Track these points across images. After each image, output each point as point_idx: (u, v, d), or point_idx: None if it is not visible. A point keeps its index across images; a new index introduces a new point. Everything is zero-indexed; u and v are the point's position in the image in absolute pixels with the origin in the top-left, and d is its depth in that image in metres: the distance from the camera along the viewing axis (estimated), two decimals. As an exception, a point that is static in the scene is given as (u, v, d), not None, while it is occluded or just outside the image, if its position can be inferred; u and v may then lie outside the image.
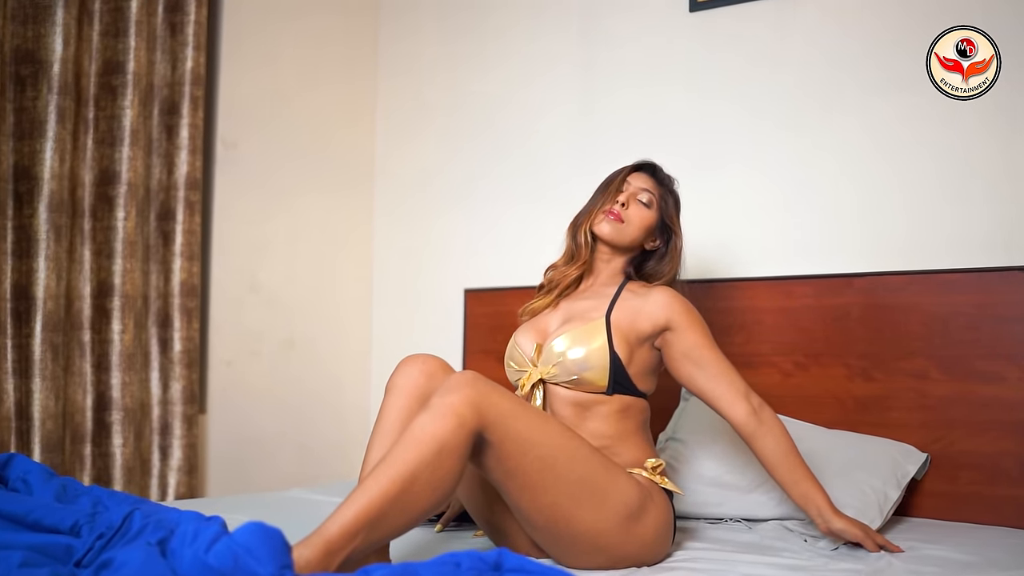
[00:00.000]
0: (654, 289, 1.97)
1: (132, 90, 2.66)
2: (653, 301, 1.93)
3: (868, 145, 2.43)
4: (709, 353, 1.91)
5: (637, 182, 2.06)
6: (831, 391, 2.38)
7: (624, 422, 1.89)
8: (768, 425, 1.86)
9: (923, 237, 2.33)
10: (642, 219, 2.03)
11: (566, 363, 1.88)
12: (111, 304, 2.64)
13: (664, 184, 2.09)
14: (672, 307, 1.92)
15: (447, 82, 3.35)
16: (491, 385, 1.62)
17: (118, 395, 2.63)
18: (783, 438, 1.87)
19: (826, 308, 2.41)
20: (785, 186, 2.56)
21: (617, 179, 2.07)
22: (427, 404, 1.57)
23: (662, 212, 2.06)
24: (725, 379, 1.89)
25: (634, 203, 2.02)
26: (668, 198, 2.07)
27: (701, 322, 1.94)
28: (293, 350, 3.20)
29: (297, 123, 3.24)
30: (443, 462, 1.51)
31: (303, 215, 3.25)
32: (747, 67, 2.64)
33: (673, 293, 1.95)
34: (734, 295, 2.56)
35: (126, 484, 2.61)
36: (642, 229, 2.03)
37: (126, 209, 2.65)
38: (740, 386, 1.88)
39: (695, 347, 1.91)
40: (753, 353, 2.50)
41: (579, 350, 1.87)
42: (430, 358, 1.82)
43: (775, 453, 1.86)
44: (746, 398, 1.87)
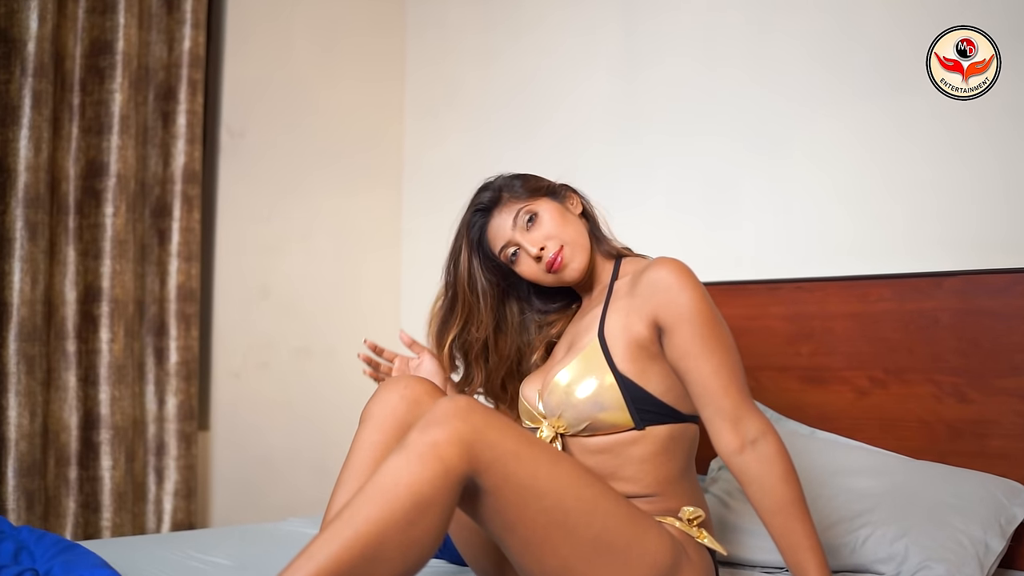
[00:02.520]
0: (647, 268, 1.53)
1: (121, 72, 2.40)
2: (641, 287, 1.52)
3: (966, 122, 2.03)
4: (695, 363, 1.44)
5: (502, 229, 1.60)
6: (916, 414, 2.00)
7: (669, 464, 1.52)
8: (764, 465, 1.39)
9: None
10: (554, 227, 1.59)
11: (575, 406, 1.52)
12: (99, 310, 2.38)
13: (503, 195, 1.62)
14: (658, 295, 1.47)
15: (480, 61, 3.03)
16: (488, 416, 1.30)
17: (107, 411, 2.37)
18: (780, 486, 1.39)
19: (910, 313, 2.02)
20: (861, 171, 2.18)
21: (464, 255, 1.65)
22: (402, 441, 1.26)
23: (541, 199, 1.61)
24: (711, 400, 1.43)
25: (528, 235, 1.58)
26: (518, 189, 1.62)
27: (700, 313, 1.44)
28: (310, 360, 2.92)
29: (313, 109, 2.95)
30: (420, 518, 1.20)
31: (321, 211, 2.97)
32: (818, 39, 2.26)
33: (668, 268, 1.48)
34: (800, 299, 2.19)
35: (117, 511, 2.36)
36: (564, 231, 1.59)
37: (115, 204, 2.39)
38: (729, 410, 1.42)
39: (682, 356, 1.46)
40: (822, 367, 2.13)
41: (588, 385, 1.52)
42: (416, 381, 1.51)
43: (765, 503, 1.40)
44: (734, 427, 1.41)
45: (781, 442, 1.41)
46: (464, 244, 1.65)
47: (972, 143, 2.01)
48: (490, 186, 1.64)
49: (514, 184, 1.62)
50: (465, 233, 1.64)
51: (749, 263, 2.34)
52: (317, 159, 2.95)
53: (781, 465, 1.39)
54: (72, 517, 2.32)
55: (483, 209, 1.63)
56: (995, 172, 1.99)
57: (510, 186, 1.62)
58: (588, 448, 1.54)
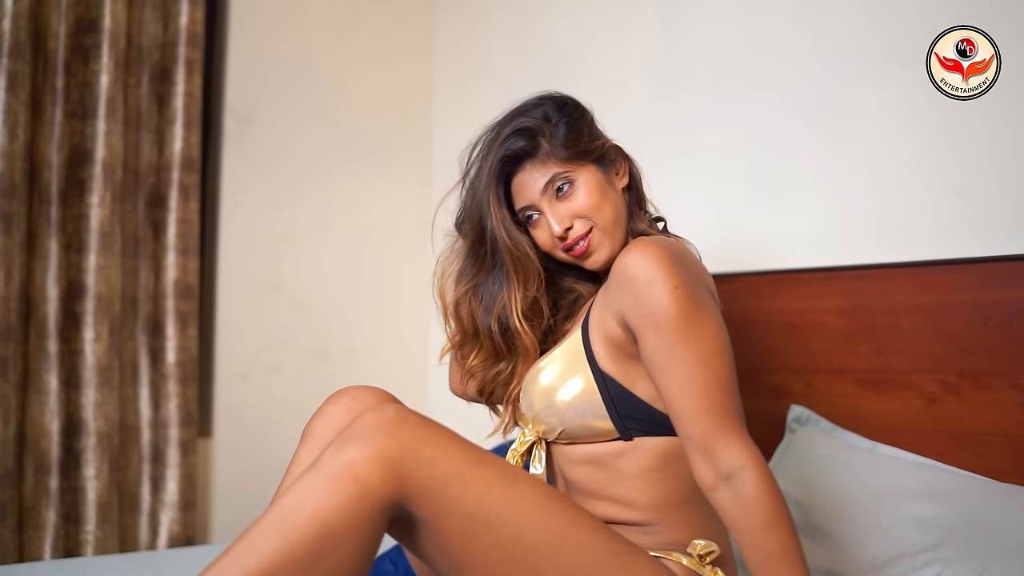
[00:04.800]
0: (621, 254, 1.24)
1: (108, 51, 2.22)
2: (612, 278, 1.24)
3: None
4: (661, 378, 1.16)
5: (528, 189, 1.32)
6: (999, 425, 1.65)
7: (668, 483, 1.25)
8: (741, 508, 1.10)
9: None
10: (589, 204, 1.30)
11: (558, 410, 1.26)
12: (82, 307, 2.20)
13: (539, 146, 1.31)
14: (623, 291, 1.19)
15: (512, 31, 2.77)
16: (423, 429, 1.05)
17: (90, 416, 2.19)
18: (760, 534, 1.09)
19: (989, 306, 1.68)
20: (933, 140, 1.83)
21: (496, 215, 1.32)
22: (315, 461, 1.02)
23: (584, 166, 1.31)
24: (679, 425, 1.15)
25: (556, 206, 1.30)
26: (560, 143, 1.31)
27: (667, 315, 1.14)
28: (327, 361, 2.70)
29: (329, 89, 2.73)
30: (330, 553, 0.96)
31: (338, 199, 2.74)
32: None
33: (634, 257, 1.19)
34: (858, 288, 1.86)
35: (100, 523, 2.17)
36: (600, 212, 1.30)
37: (99, 194, 2.21)
38: (696, 439, 1.13)
39: (650, 367, 1.18)
40: (884, 369, 1.80)
41: (572, 385, 1.25)
42: (366, 391, 1.27)
43: (744, 550, 1.11)
44: (705, 458, 1.12)
45: (766, 478, 1.10)
46: (492, 196, 1.33)
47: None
48: (527, 130, 1.31)
49: (557, 132, 1.31)
50: (492, 182, 1.33)
51: (799, 247, 2.02)
52: (334, 144, 2.73)
53: (762, 508, 1.09)
54: (52, 529, 2.15)
55: (512, 157, 1.32)
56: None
57: (552, 134, 1.31)
58: (571, 458, 1.28)
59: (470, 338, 1.40)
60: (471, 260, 1.38)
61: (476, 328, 1.37)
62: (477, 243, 1.36)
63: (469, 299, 1.37)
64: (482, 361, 1.40)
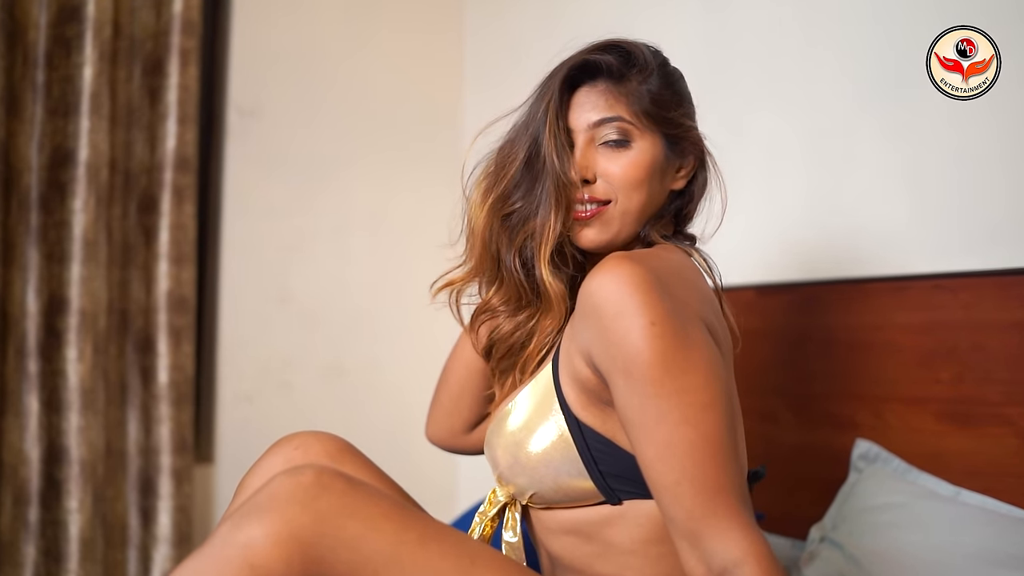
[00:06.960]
0: (592, 273, 0.96)
1: (91, 41, 2.02)
2: (578, 306, 0.96)
3: None
4: (635, 437, 0.89)
5: (584, 110, 1.07)
6: (1116, 471, 1.35)
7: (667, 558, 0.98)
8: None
9: None
10: (627, 177, 1.04)
11: (526, 467, 1.01)
12: (64, 323, 2.01)
13: (627, 76, 1.07)
14: (588, 324, 0.93)
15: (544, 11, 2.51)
16: (351, 497, 0.82)
17: (73, 443, 1.99)
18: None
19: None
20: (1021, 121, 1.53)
21: (550, 118, 1.06)
22: (211, 535, 0.79)
23: (653, 135, 1.06)
24: (660, 503, 0.89)
25: (595, 153, 1.06)
26: (644, 93, 1.06)
27: (639, 359, 0.87)
28: (343, 379, 2.48)
29: (344, 78, 2.50)
30: None
31: (355, 203, 2.51)
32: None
33: (600, 281, 0.91)
34: (935, 302, 1.57)
35: (83, 560, 1.97)
36: (633, 194, 1.05)
37: (83, 198, 2.01)
38: (681, 522, 0.86)
39: (623, 422, 0.92)
40: (971, 399, 1.50)
41: (543, 434, 1.00)
42: (315, 439, 1.06)
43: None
44: (691, 547, 0.86)
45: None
46: (555, 101, 1.09)
47: None
48: (628, 55, 1.08)
49: (652, 80, 1.07)
50: (557, 87, 1.09)
51: (865, 253, 1.72)
52: (350, 141, 2.50)
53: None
54: (31, 566, 1.96)
55: (594, 67, 1.08)
56: None
57: (646, 79, 1.07)
58: (549, 526, 1.03)
59: (488, 269, 1.13)
60: (511, 173, 1.11)
61: (499, 258, 1.10)
62: (526, 152, 1.10)
63: (499, 219, 1.10)
64: (503, 300, 1.13)
